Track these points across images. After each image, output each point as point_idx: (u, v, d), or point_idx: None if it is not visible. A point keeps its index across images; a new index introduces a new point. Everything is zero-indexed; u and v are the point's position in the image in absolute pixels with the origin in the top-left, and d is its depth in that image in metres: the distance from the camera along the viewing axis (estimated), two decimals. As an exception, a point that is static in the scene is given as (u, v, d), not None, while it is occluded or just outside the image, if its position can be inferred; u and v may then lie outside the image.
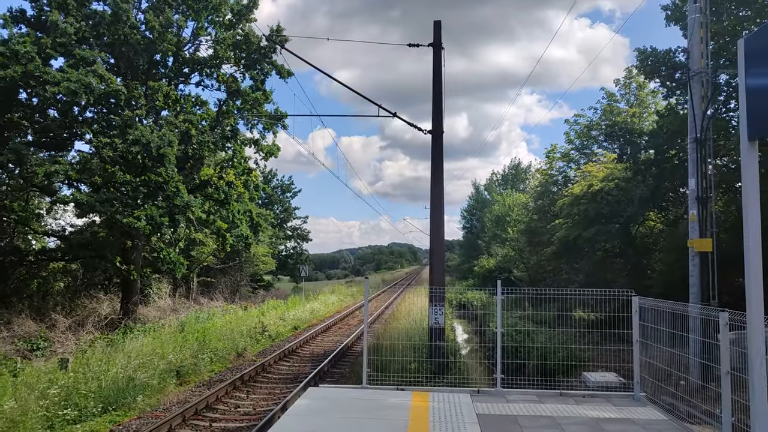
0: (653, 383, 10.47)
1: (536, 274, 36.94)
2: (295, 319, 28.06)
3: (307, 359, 18.15)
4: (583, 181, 27.36)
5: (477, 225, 62.13)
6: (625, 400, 10.64)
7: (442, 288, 14.01)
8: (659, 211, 25.60)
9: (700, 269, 11.84)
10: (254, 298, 46.24)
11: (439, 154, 13.93)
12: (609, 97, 32.08)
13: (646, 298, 9.71)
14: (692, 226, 12.08)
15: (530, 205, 37.33)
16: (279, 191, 60.74)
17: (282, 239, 58.48)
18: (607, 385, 12.91)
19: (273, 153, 33.35)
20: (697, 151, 11.99)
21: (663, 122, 21.20)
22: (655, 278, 20.28)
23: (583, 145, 33.14)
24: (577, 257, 26.61)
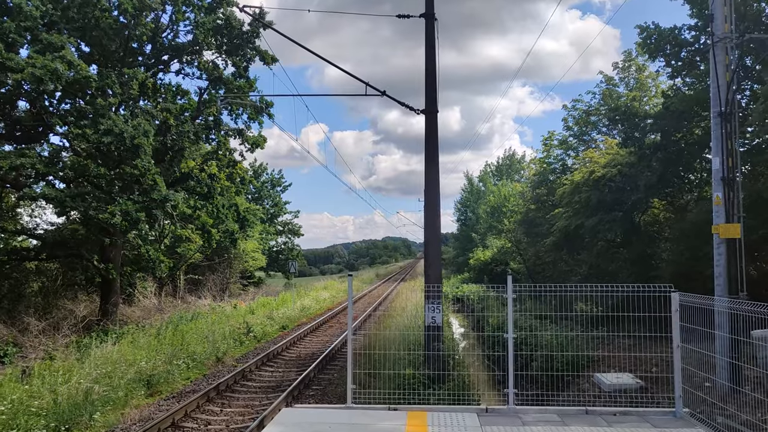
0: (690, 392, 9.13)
1: (534, 266, 35.75)
2: (284, 317, 26.76)
3: (293, 363, 16.79)
4: (584, 167, 26.11)
5: (471, 217, 60.92)
6: (665, 419, 8.87)
7: (438, 284, 12.72)
8: (663, 198, 24.39)
9: (727, 258, 10.58)
10: (245, 295, 44.90)
11: (433, 135, 12.61)
12: (607, 81, 30.86)
13: (690, 294, 8.35)
14: (717, 211, 10.82)
15: (527, 194, 36.06)
16: (269, 186, 59.33)
17: (272, 234, 57.08)
18: (624, 388, 11.67)
19: (259, 144, 31.98)
20: (721, 126, 10.72)
21: (669, 102, 19.93)
22: (663, 268, 19.06)
23: (582, 132, 31.90)
24: (579, 248, 25.37)
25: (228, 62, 27.91)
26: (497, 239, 45.28)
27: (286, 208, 59.62)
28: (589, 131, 31.37)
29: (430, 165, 12.83)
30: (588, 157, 27.12)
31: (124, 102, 24.16)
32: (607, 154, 25.03)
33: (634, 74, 30.00)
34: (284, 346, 19.17)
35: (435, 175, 12.75)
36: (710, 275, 18.55)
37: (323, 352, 17.70)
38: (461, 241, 67.85)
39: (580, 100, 32.13)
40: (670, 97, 21.01)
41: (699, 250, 18.51)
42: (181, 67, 28.43)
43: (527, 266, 37.55)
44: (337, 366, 16.02)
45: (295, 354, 18.44)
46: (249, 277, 51.07)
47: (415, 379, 11.33)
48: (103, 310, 24.75)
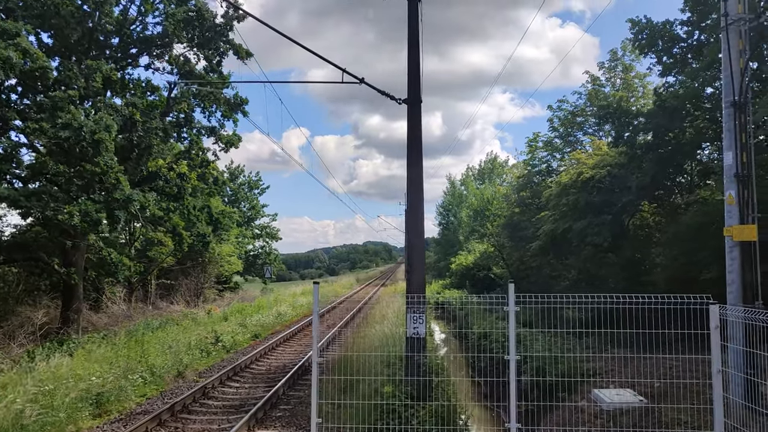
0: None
1: (518, 271, 34.75)
2: (258, 324, 25.41)
3: (262, 378, 15.36)
4: (572, 169, 25.17)
5: (453, 221, 59.90)
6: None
7: (422, 291, 11.52)
8: (654, 201, 23.50)
9: (741, 263, 9.54)
10: (220, 300, 43.34)
11: (416, 127, 11.45)
12: (593, 81, 30.06)
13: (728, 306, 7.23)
14: (729, 211, 9.79)
15: (512, 197, 35.10)
16: (246, 188, 57.81)
17: (249, 238, 55.54)
18: (627, 408, 10.57)
19: (233, 143, 30.64)
20: (735, 117, 9.69)
21: (664, 98, 19.02)
22: (657, 274, 18.10)
23: (568, 133, 31.04)
24: (566, 252, 24.37)
25: (200, 56, 26.59)
26: (480, 243, 44.29)
27: (263, 211, 58.16)
28: (575, 132, 30.55)
29: (414, 161, 11.66)
30: (575, 158, 26.20)
31: (89, 96, 22.72)
32: (596, 155, 24.12)
33: (621, 74, 29.23)
34: (254, 357, 17.80)
35: (418, 172, 11.58)
36: (708, 280, 17.68)
37: (296, 364, 16.37)
38: (443, 246, 66.83)
39: (565, 101, 31.32)
40: (662, 95, 20.12)
41: (694, 254, 17.58)
42: (151, 61, 27.05)
43: (511, 271, 36.54)
44: (310, 381, 14.61)
45: (265, 366, 17.05)
46: (225, 282, 49.55)
47: (395, 397, 10.11)
48: (64, 317, 23.19)
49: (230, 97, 28.99)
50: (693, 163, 22.19)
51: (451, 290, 45.41)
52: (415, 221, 11.54)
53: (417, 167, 11.43)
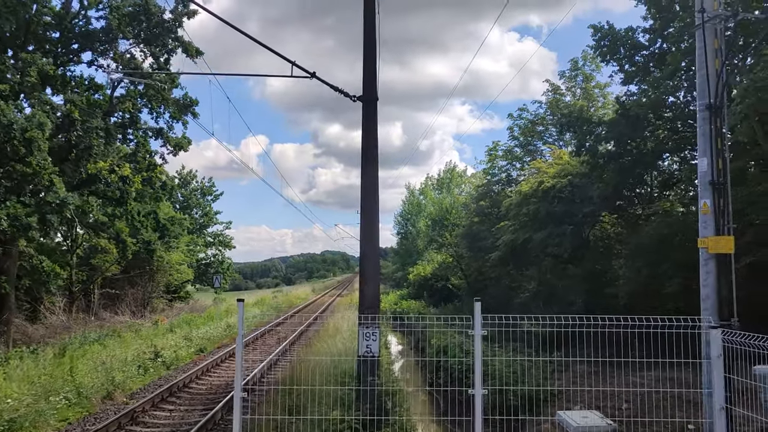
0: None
1: (476, 282, 34.16)
2: (205, 337, 24.02)
3: (200, 399, 13.85)
4: (532, 178, 24.67)
5: (412, 230, 59.20)
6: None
7: (376, 305, 10.56)
8: (615, 212, 23.14)
9: (717, 277, 8.90)
10: (169, 311, 41.49)
11: (372, 127, 10.55)
12: (554, 90, 29.80)
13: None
14: (704, 221, 9.14)
15: (471, 206, 34.52)
16: (198, 194, 55.97)
17: (201, 246, 53.68)
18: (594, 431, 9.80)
19: (182, 146, 29.25)
20: (710, 121, 9.07)
21: (628, 105, 18.62)
22: (620, 286, 17.58)
23: (528, 142, 30.67)
24: (526, 263, 23.80)
25: (147, 53, 25.23)
26: (438, 253, 43.64)
27: (216, 218, 56.36)
28: (535, 141, 30.20)
29: (368, 163, 10.74)
30: (535, 167, 25.74)
31: (24, 92, 21.17)
32: (557, 164, 23.67)
33: (581, 84, 29.02)
34: (196, 374, 16.43)
35: (373, 174, 10.66)
36: (670, 294, 17.28)
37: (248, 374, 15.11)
38: (401, 256, 66.04)
39: (525, 110, 30.98)
40: (625, 104, 19.74)
41: (657, 266, 17.14)
42: (94, 57, 25.57)
43: (469, 282, 35.96)
44: (254, 402, 13.28)
45: (206, 385, 15.68)
46: (175, 292, 47.66)
47: (344, 423, 9.11)
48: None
49: (179, 98, 27.66)
50: (654, 173, 21.91)
51: (408, 301, 44.58)
52: (370, 228, 10.60)
53: (372, 169, 10.52)
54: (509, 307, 26.36)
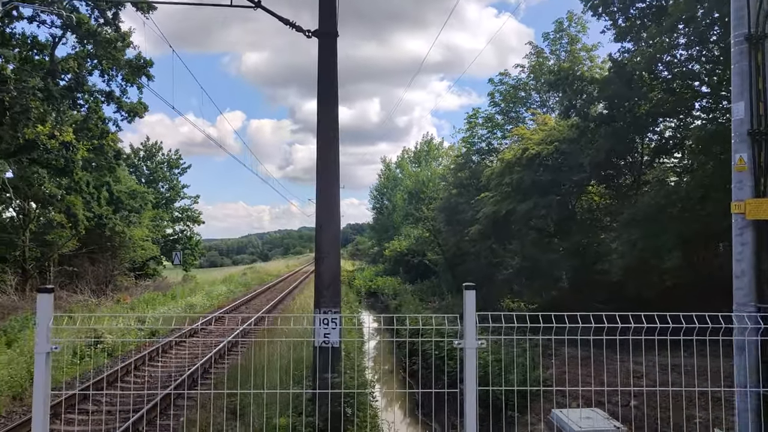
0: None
1: (454, 257, 32.52)
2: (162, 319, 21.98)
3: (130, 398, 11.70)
4: (515, 145, 22.90)
5: (388, 205, 57.37)
6: None
7: (335, 285, 8.70)
8: (603, 181, 21.52)
9: (755, 249, 7.17)
10: (134, 289, 39.28)
11: (330, 67, 8.60)
12: (537, 54, 27.94)
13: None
14: (739, 180, 7.39)
15: (449, 177, 32.73)
16: (165, 167, 53.40)
17: (168, 221, 51.32)
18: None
19: (138, 112, 27.03)
20: (749, 55, 7.25)
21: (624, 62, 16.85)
22: (612, 261, 15.96)
23: (509, 108, 28.85)
24: (509, 236, 22.11)
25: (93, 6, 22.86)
26: (414, 228, 41.93)
27: (184, 192, 53.91)
28: (518, 108, 28.38)
29: (325, 113, 8.81)
30: (518, 134, 23.94)
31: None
32: (541, 130, 21.88)
33: (566, 46, 27.18)
34: (135, 364, 14.39)
35: (332, 126, 8.73)
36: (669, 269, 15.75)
37: (182, 374, 13.10)
38: (377, 231, 64.31)
39: (507, 74, 29.10)
40: (618, 61, 17.98)
41: (655, 239, 15.54)
42: (35, 13, 23.09)
43: (446, 257, 34.31)
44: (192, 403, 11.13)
45: (144, 378, 13.65)
46: (141, 269, 45.46)
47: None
48: None
49: (131, 58, 25.32)
50: (646, 140, 20.30)
51: (383, 277, 42.96)
52: (327, 192, 8.70)
53: (330, 118, 8.60)
54: (491, 284, 24.74)
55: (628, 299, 17.90)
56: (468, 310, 4.58)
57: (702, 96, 18.75)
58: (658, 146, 20.07)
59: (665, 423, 8.23)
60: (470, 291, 4.45)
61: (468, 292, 4.47)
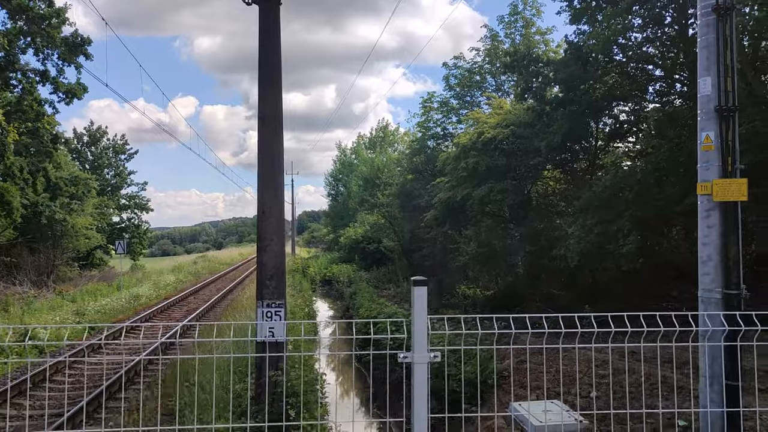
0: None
1: (410, 244, 32.12)
2: (104, 311, 20.92)
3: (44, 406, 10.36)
4: (470, 129, 22.50)
5: (343, 191, 56.60)
6: None
7: (279, 275, 8.03)
8: (559, 166, 21.32)
9: (722, 233, 6.83)
10: (78, 280, 37.60)
11: (273, 40, 7.86)
12: (492, 38, 27.57)
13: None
14: (705, 159, 7.03)
15: (404, 162, 32.23)
16: (110, 153, 51.32)
17: (114, 209, 49.41)
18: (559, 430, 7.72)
19: (76, 94, 25.60)
20: (716, 28, 6.86)
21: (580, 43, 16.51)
22: (570, 247, 15.67)
23: (465, 93, 28.45)
24: (464, 222, 21.73)
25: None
26: (370, 215, 41.36)
27: (131, 179, 51.96)
28: (473, 91, 27.99)
29: (268, 89, 8.07)
30: (473, 117, 23.56)
31: None
32: (497, 114, 21.52)
33: (521, 29, 26.86)
34: (66, 363, 13.23)
35: (275, 103, 8.01)
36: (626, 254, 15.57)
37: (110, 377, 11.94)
38: (332, 218, 63.53)
39: (461, 58, 28.67)
40: (574, 43, 17.65)
41: (611, 224, 15.32)
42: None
43: (402, 244, 33.89)
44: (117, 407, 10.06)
45: (67, 382, 12.47)
46: (85, 258, 43.65)
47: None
48: None
49: (68, 36, 23.90)
50: (601, 123, 20.16)
51: (339, 265, 42.33)
52: (270, 174, 7.99)
53: (273, 94, 7.88)
54: (446, 270, 24.39)
55: (585, 285, 17.77)
56: (418, 311, 3.67)
57: (656, 79, 18.68)
58: (613, 130, 19.95)
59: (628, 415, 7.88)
60: (420, 287, 3.63)
61: (418, 288, 3.64)
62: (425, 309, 3.53)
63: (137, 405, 8.89)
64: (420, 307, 3.54)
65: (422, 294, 3.56)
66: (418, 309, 3.58)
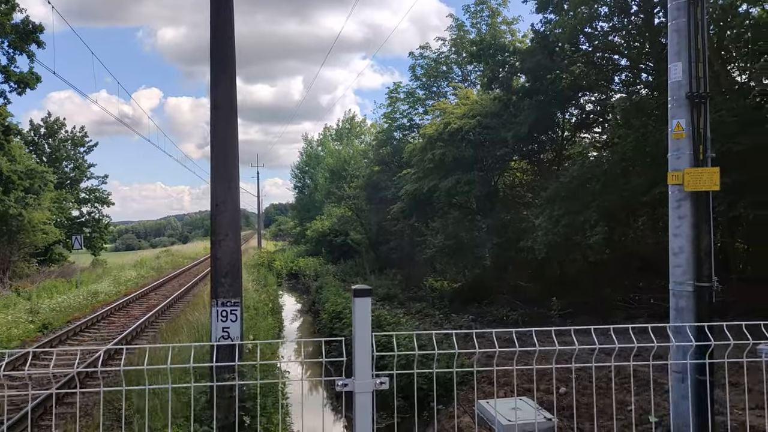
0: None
1: (377, 236, 31.79)
2: (58, 309, 20.08)
3: None
4: (437, 120, 22.20)
5: (310, 184, 55.94)
6: None
7: (235, 273, 7.59)
8: (525, 158, 21.20)
9: (694, 223, 6.63)
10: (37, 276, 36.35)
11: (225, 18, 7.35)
12: (459, 27, 27.29)
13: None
14: (676, 148, 6.83)
15: (371, 154, 31.83)
16: (69, 145, 49.74)
17: (73, 203, 47.98)
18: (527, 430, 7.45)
19: (28, 83, 24.64)
20: (687, 11, 6.64)
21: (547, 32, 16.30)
22: (537, 238, 15.49)
23: (431, 83, 28.15)
24: (431, 214, 21.48)
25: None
26: (337, 207, 40.89)
27: (91, 172, 50.46)
28: (440, 81, 27.70)
29: (221, 73, 7.60)
30: (440, 108, 23.27)
31: None
32: (463, 104, 21.25)
33: (487, 19, 26.62)
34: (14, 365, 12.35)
35: (229, 86, 7.54)
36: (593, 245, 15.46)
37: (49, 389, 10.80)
38: (299, 211, 62.81)
39: (428, 47, 28.34)
40: (541, 32, 17.45)
41: (577, 215, 15.19)
42: None
43: (369, 237, 33.54)
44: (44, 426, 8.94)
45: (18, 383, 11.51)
46: (44, 254, 42.25)
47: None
48: None
49: (18, 23, 22.94)
50: (567, 114, 20.06)
51: (305, 258, 41.80)
52: (224, 168, 7.53)
53: (226, 78, 7.40)
54: (413, 263, 24.11)
55: (552, 277, 17.66)
56: (360, 328, 3.05)
57: (622, 69, 18.62)
58: (580, 121, 19.87)
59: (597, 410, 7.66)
60: (362, 298, 3.14)
61: (359, 300, 3.15)
62: (368, 325, 3.03)
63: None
64: (362, 322, 3.02)
65: (364, 306, 3.07)
66: (360, 325, 3.05)
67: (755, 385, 7.93)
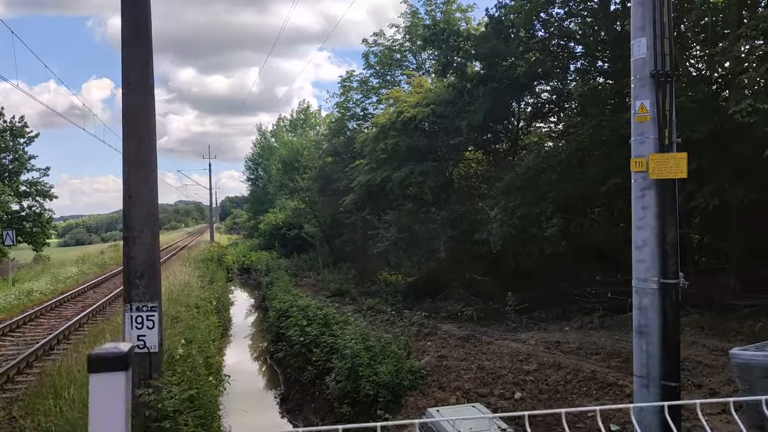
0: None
1: (331, 229, 30.99)
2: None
3: None
4: (390, 109, 21.49)
5: (263, 175, 54.59)
6: None
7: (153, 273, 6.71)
8: (480, 148, 20.68)
9: (659, 214, 6.07)
10: (-27, 274, 34.30)
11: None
12: (413, 15, 26.55)
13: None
14: (640, 132, 6.26)
15: (323, 144, 30.94)
16: (8, 136, 47.20)
17: (12, 196, 45.55)
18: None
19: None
20: (652, -20, 6.04)
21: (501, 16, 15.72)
22: (492, 230, 14.93)
23: (385, 71, 27.40)
24: (385, 206, 20.78)
25: None
26: (290, 200, 39.82)
27: (32, 164, 48.00)
28: (393, 69, 26.97)
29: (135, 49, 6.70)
30: (393, 96, 22.55)
31: None
32: (417, 92, 20.58)
33: (442, 6, 25.95)
34: None
35: (143, 64, 6.64)
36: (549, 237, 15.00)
37: None
38: (253, 204, 61.32)
39: (381, 35, 27.55)
40: (496, 17, 16.87)
41: (533, 206, 14.70)
42: None
43: (323, 230, 32.71)
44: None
45: None
46: (-22, 251, 39.99)
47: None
48: None
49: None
50: (522, 103, 19.60)
51: (258, 252, 40.65)
52: (139, 156, 6.61)
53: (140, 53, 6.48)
54: (367, 257, 23.39)
55: (508, 270, 17.16)
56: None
57: (578, 57, 18.21)
58: (535, 110, 19.44)
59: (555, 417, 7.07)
60: (108, 375, 1.54)
61: (100, 378, 1.54)
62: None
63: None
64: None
65: (113, 391, 1.56)
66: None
67: (722, 387, 7.47)
